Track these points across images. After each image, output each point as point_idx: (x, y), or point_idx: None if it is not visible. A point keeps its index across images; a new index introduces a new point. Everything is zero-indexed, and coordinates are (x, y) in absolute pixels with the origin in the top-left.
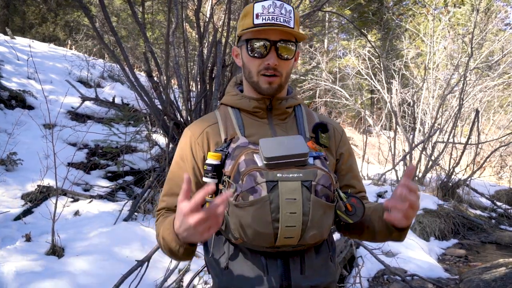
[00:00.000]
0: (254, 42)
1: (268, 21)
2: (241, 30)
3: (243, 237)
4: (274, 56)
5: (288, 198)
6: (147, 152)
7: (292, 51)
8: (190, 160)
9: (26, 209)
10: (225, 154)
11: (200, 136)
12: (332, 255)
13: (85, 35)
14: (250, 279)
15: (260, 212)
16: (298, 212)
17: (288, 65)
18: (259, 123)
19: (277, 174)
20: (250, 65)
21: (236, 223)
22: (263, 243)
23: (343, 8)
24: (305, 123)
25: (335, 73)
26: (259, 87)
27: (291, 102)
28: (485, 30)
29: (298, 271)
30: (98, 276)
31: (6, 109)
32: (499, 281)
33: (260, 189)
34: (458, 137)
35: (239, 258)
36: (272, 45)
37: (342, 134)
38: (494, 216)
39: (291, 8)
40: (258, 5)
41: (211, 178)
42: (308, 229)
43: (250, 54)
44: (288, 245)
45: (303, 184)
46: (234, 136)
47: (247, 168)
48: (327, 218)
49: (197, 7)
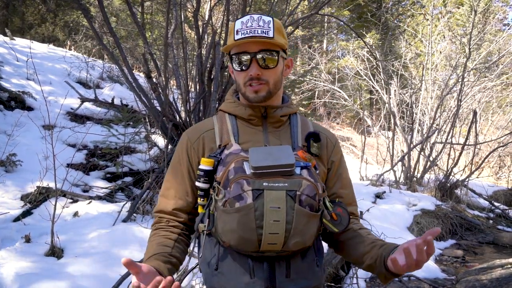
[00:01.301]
0: (236, 57)
1: (246, 35)
2: (225, 47)
3: (229, 241)
4: (255, 66)
5: (272, 207)
6: (146, 153)
7: (274, 60)
8: (186, 164)
9: (25, 210)
10: (218, 160)
11: (196, 142)
12: (318, 260)
13: (84, 36)
14: (237, 280)
15: (245, 218)
16: (281, 220)
17: (274, 73)
18: (254, 130)
19: (263, 183)
20: (238, 78)
21: (223, 227)
22: (248, 248)
23: (341, 9)
24: (298, 132)
25: (334, 74)
26: (247, 97)
27: (286, 111)
28: (483, 31)
29: (284, 274)
30: (97, 277)
31: (6, 110)
32: (495, 281)
33: (246, 197)
34: (457, 137)
35: (228, 260)
36: (252, 56)
37: (335, 144)
38: (491, 216)
39: (270, 19)
40: (238, 22)
41: (203, 183)
42: (291, 237)
43: (235, 68)
44: (272, 251)
45: (288, 193)
46: (228, 142)
47: (236, 175)
48: (310, 226)
49: (196, 8)
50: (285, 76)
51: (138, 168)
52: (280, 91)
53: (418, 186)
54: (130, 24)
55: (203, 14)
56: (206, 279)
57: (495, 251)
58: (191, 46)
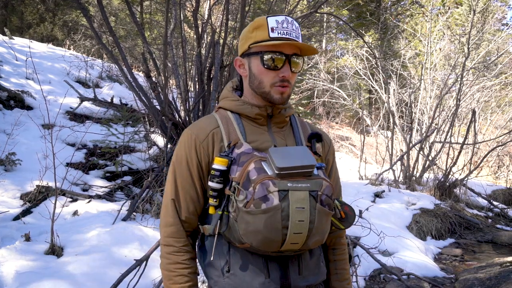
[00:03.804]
0: (269, 55)
1: (284, 35)
2: (253, 42)
3: (251, 243)
4: (288, 69)
5: (298, 207)
6: (145, 152)
7: (300, 65)
8: (196, 163)
9: (25, 209)
10: (231, 159)
11: (206, 140)
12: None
13: (83, 35)
14: (252, 281)
15: (272, 219)
16: (305, 220)
17: (295, 77)
18: (260, 130)
19: (288, 184)
20: (263, 76)
21: (245, 228)
22: (270, 249)
23: (341, 8)
24: (300, 132)
25: (333, 73)
26: (271, 97)
27: (290, 112)
28: (482, 31)
29: (296, 272)
30: (96, 275)
31: (5, 110)
32: (494, 279)
33: (272, 198)
34: (456, 137)
35: (241, 261)
36: (287, 58)
37: (330, 144)
38: (490, 215)
39: (298, 25)
40: (272, 19)
41: (217, 183)
42: (313, 236)
43: (264, 66)
44: (291, 250)
45: (311, 193)
46: (237, 141)
47: (259, 176)
48: (328, 225)
49: (195, 8)
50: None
51: (138, 167)
52: None
53: (417, 185)
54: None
55: (203, 13)
56: (217, 282)
57: (494, 250)
58: (190, 46)
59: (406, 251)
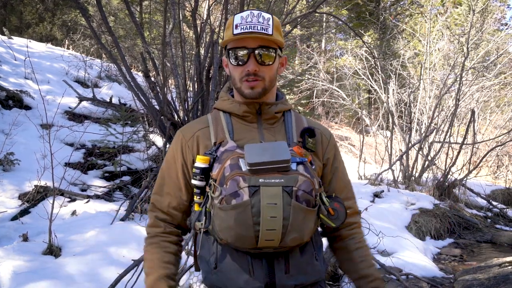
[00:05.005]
0: (234, 51)
1: (246, 30)
2: (224, 41)
3: (226, 239)
4: (253, 62)
5: (269, 203)
6: (144, 152)
7: (271, 57)
8: (180, 162)
9: (23, 209)
10: (214, 157)
11: (191, 139)
12: (317, 253)
13: (82, 35)
14: (237, 278)
15: (242, 215)
16: (278, 216)
17: (270, 70)
18: (249, 127)
19: (259, 180)
20: (234, 73)
21: (220, 225)
22: (245, 245)
23: (340, 8)
24: (293, 128)
25: (332, 73)
26: (242, 92)
27: (281, 108)
28: (481, 30)
29: (283, 270)
30: (94, 275)
31: (3, 109)
32: (492, 279)
33: (242, 194)
34: (455, 137)
35: (227, 258)
36: (250, 52)
37: (330, 139)
38: (489, 215)
39: (269, 16)
40: (238, 16)
41: (199, 180)
42: (289, 233)
43: (232, 62)
44: (270, 247)
45: (284, 189)
46: (223, 140)
47: (231, 172)
48: (307, 222)
49: (194, 7)
50: (279, 74)
51: (136, 167)
52: (274, 88)
53: (416, 185)
54: (129, 23)
55: (201, 13)
56: (206, 277)
57: (493, 250)
58: (189, 45)
59: (405, 251)
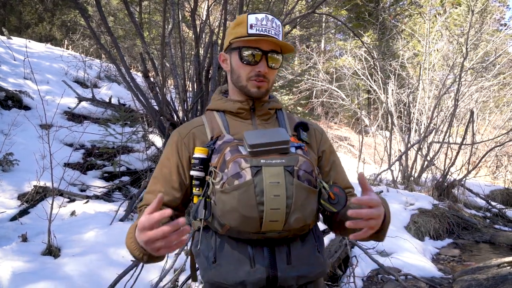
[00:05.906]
0: (246, 50)
1: (261, 32)
2: (233, 38)
3: (230, 223)
4: (264, 64)
5: (272, 182)
6: (143, 152)
7: (279, 61)
8: (175, 158)
9: (22, 209)
10: (212, 149)
11: (187, 136)
12: (319, 246)
13: (81, 35)
14: (236, 270)
15: (245, 195)
16: (281, 195)
17: (274, 74)
18: (243, 123)
19: (261, 160)
20: (241, 71)
21: (222, 209)
22: (249, 228)
23: (339, 8)
24: (286, 123)
25: (331, 73)
26: (248, 91)
27: (273, 105)
28: (480, 31)
29: (285, 261)
30: (93, 276)
31: (3, 110)
32: (491, 280)
33: (244, 174)
34: (454, 137)
35: (226, 250)
36: (263, 54)
37: (322, 134)
38: (488, 215)
39: (280, 23)
40: (252, 16)
41: (198, 171)
42: (292, 212)
43: (242, 61)
44: (274, 231)
45: (286, 169)
46: (220, 134)
47: (232, 156)
48: (310, 202)
49: (193, 8)
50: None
51: (136, 167)
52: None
53: (415, 186)
54: (128, 24)
55: (201, 13)
56: (204, 275)
57: (492, 250)
58: (188, 46)
59: (404, 252)
